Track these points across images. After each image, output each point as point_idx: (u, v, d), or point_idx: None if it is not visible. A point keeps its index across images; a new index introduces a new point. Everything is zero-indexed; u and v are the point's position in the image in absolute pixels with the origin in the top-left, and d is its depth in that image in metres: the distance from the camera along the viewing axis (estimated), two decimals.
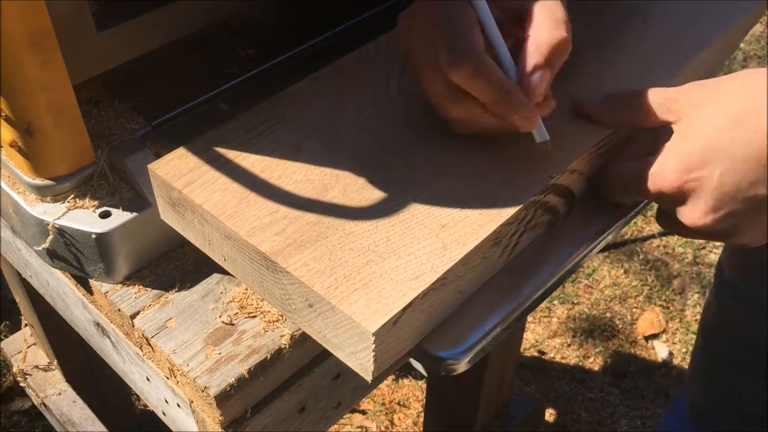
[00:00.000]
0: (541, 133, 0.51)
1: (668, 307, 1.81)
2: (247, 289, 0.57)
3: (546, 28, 0.48)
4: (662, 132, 0.54)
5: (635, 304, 1.84)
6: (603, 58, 0.61)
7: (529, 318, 1.79)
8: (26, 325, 1.11)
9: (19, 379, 1.17)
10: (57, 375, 1.14)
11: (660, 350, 1.73)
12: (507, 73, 0.50)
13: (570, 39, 0.49)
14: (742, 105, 0.49)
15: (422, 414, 1.58)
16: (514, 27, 0.51)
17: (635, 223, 2.04)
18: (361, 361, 0.44)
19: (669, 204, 0.53)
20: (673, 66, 0.60)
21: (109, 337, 0.63)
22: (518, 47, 0.50)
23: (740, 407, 1.17)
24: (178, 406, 0.58)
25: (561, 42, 0.49)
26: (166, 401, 0.60)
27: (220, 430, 0.54)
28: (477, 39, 0.48)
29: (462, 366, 0.48)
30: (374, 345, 0.42)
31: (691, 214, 0.51)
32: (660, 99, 0.53)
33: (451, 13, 0.49)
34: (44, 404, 1.12)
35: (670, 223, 0.55)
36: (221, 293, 0.57)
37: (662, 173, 0.51)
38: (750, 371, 1.13)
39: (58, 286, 0.66)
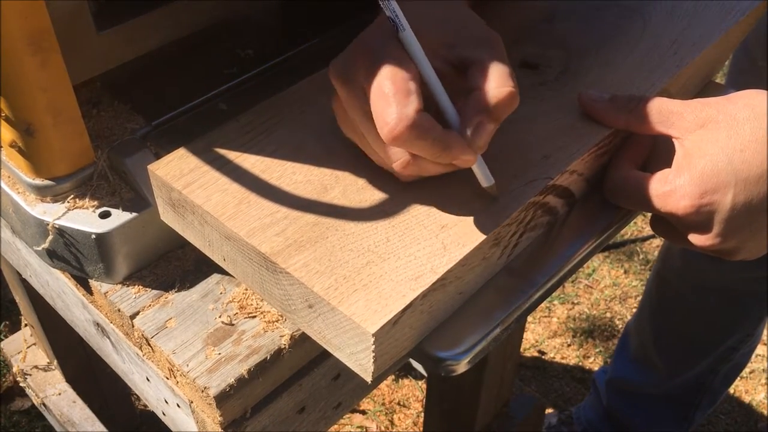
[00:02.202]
0: (486, 176, 0.49)
1: None
2: (246, 290, 0.57)
3: (493, 82, 0.46)
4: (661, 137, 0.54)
5: (635, 304, 1.83)
6: (603, 57, 0.61)
7: (529, 318, 1.78)
8: (26, 325, 1.11)
9: (19, 379, 1.17)
10: (57, 375, 1.14)
11: None
12: (449, 122, 0.47)
13: (516, 92, 0.46)
14: (750, 126, 0.49)
15: (422, 414, 1.58)
16: (457, 77, 0.48)
17: (635, 223, 2.04)
18: (360, 361, 0.44)
19: (678, 224, 0.53)
20: (673, 66, 0.60)
21: (108, 338, 0.63)
22: (461, 96, 0.47)
23: (690, 341, 1.30)
24: (178, 406, 0.58)
25: (508, 96, 0.46)
26: (166, 401, 0.60)
27: (219, 430, 0.54)
28: (412, 98, 0.44)
29: (462, 367, 0.48)
30: (374, 346, 0.42)
31: (702, 236, 0.52)
32: (665, 111, 0.53)
33: (385, 66, 0.45)
34: (44, 404, 1.12)
35: (667, 232, 0.55)
36: (221, 293, 0.57)
37: (674, 197, 0.51)
38: (699, 316, 1.26)
39: (57, 286, 0.66)
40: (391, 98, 0.44)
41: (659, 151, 0.56)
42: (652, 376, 1.38)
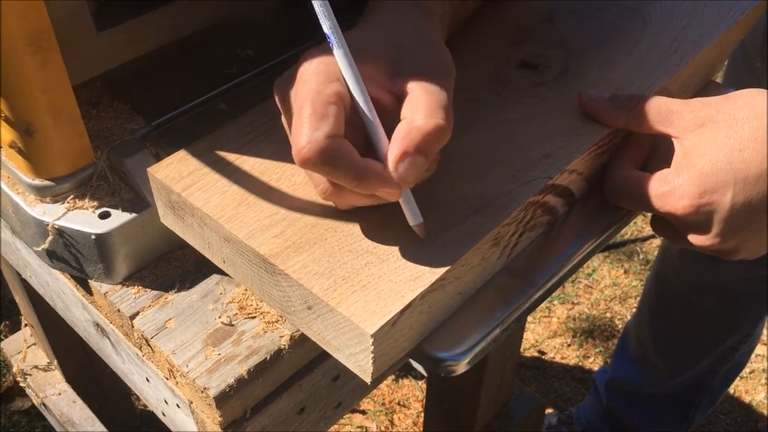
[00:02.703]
0: (414, 214, 0.46)
1: None
2: (246, 290, 0.57)
3: (422, 113, 0.44)
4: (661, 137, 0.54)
5: (635, 304, 1.83)
6: (603, 57, 0.61)
7: (529, 318, 1.78)
8: (26, 325, 1.11)
9: (19, 379, 1.17)
10: (57, 375, 1.14)
11: None
12: (378, 152, 0.45)
13: (449, 127, 0.44)
14: (749, 125, 0.49)
15: (422, 414, 1.58)
16: (397, 107, 0.46)
17: (635, 223, 2.04)
18: (360, 362, 0.44)
19: (678, 224, 0.53)
20: (673, 65, 0.60)
21: (108, 338, 0.63)
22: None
23: (689, 341, 1.31)
24: (178, 406, 0.58)
25: (436, 130, 0.44)
26: (166, 402, 0.60)
27: (219, 430, 0.54)
28: (327, 121, 0.43)
29: (461, 367, 0.48)
30: (373, 346, 0.42)
31: (701, 236, 0.52)
32: (665, 111, 0.52)
33: (309, 86, 0.44)
34: (44, 404, 1.12)
35: (667, 232, 0.55)
36: (221, 294, 0.57)
37: (673, 197, 0.51)
38: (698, 316, 1.26)
39: (57, 287, 0.66)
40: (305, 120, 0.43)
41: (659, 151, 0.56)
42: (652, 376, 1.38)
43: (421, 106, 0.44)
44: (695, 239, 0.52)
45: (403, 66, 0.47)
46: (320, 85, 0.44)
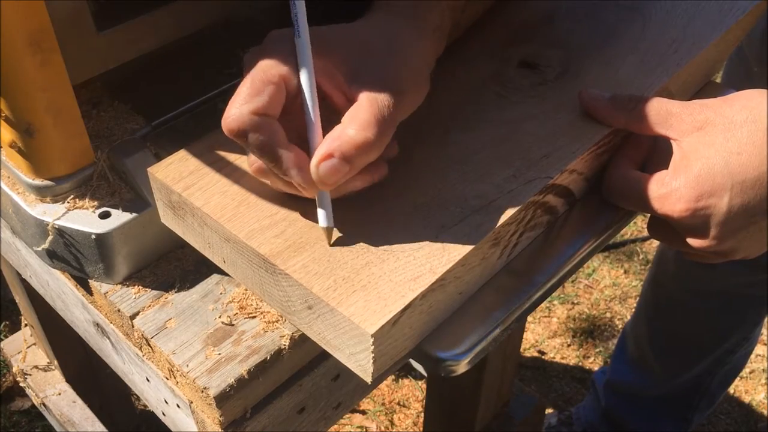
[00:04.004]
0: (326, 217, 0.46)
1: None
2: (246, 290, 0.57)
3: (357, 124, 0.44)
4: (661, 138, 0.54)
5: (635, 304, 1.83)
6: (603, 57, 0.61)
7: (529, 318, 1.79)
8: (26, 325, 1.11)
9: (19, 379, 1.17)
10: (57, 375, 1.14)
11: None
12: (310, 146, 0.46)
13: (378, 144, 0.44)
14: (747, 129, 0.49)
15: (422, 414, 1.58)
16: (346, 109, 0.46)
17: (635, 223, 2.04)
18: (360, 362, 0.44)
19: (675, 226, 0.53)
20: (673, 65, 0.60)
21: (108, 338, 0.63)
22: None
23: (686, 344, 1.31)
24: (178, 406, 0.58)
25: (364, 143, 0.44)
26: (166, 402, 0.60)
27: (219, 430, 0.54)
28: (258, 98, 0.44)
29: (462, 367, 0.48)
30: (373, 346, 0.42)
31: (699, 239, 0.52)
32: (664, 113, 0.52)
33: (260, 64, 0.45)
34: (44, 404, 1.12)
35: (664, 235, 0.55)
36: (221, 294, 0.57)
37: (670, 200, 0.51)
38: (695, 320, 1.27)
39: (57, 287, 0.66)
40: (239, 93, 0.44)
41: (659, 151, 0.56)
42: (650, 379, 1.38)
43: (359, 117, 0.45)
44: (693, 241, 0.52)
45: (362, 71, 0.47)
46: (268, 64, 0.46)
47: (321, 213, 0.47)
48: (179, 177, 0.51)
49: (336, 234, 0.47)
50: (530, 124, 0.55)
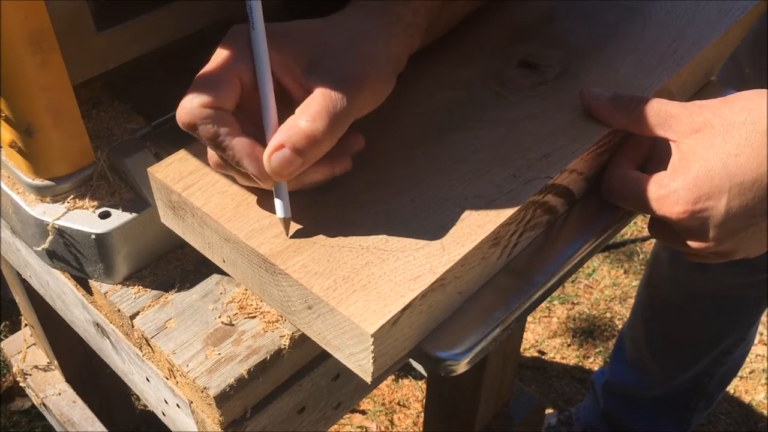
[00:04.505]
0: (283, 208, 0.47)
1: None
2: (246, 290, 0.57)
3: (308, 115, 0.44)
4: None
5: None
6: (603, 57, 0.61)
7: (529, 318, 1.79)
8: (26, 325, 1.11)
9: (19, 379, 1.17)
10: (57, 375, 1.14)
11: None
12: (266, 139, 0.46)
13: (328, 138, 0.45)
14: (745, 130, 0.49)
15: (422, 414, 1.58)
16: (300, 99, 0.47)
17: (635, 223, 2.04)
18: (360, 362, 0.44)
19: (674, 228, 0.53)
20: (672, 65, 0.60)
21: (108, 338, 0.63)
22: None
23: (682, 345, 1.32)
24: (178, 406, 0.58)
25: (314, 134, 0.44)
26: (166, 402, 0.60)
27: (219, 430, 0.54)
28: (208, 92, 0.45)
29: (461, 367, 0.48)
30: (373, 346, 0.42)
31: (697, 241, 0.52)
32: (663, 114, 0.52)
33: (214, 58, 0.47)
34: (44, 404, 1.12)
35: (665, 235, 0.55)
36: (221, 294, 0.57)
37: (668, 201, 0.51)
38: (690, 321, 1.27)
39: (57, 287, 0.66)
40: (192, 86, 0.45)
41: (659, 151, 0.56)
42: (647, 380, 1.38)
43: (311, 109, 0.45)
44: (692, 243, 0.52)
45: (320, 65, 0.47)
46: (223, 58, 0.46)
47: (278, 203, 0.47)
48: (179, 177, 0.51)
49: (294, 226, 0.47)
50: (530, 124, 0.55)
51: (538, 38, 0.63)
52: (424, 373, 1.57)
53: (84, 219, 0.56)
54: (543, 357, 1.73)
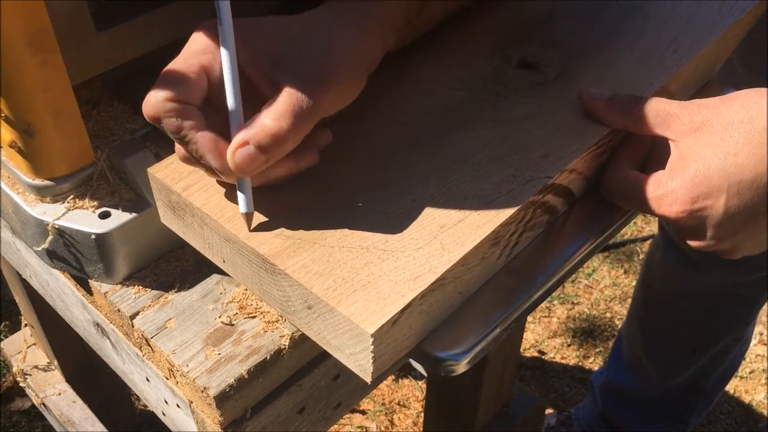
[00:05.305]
0: (245, 203, 0.47)
1: None
2: (246, 290, 0.57)
3: (272, 113, 0.45)
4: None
5: None
6: (603, 57, 0.61)
7: (529, 318, 1.79)
8: (26, 325, 1.11)
9: (18, 379, 1.17)
10: (57, 375, 1.14)
11: None
12: (231, 134, 0.46)
13: (291, 137, 0.45)
14: (744, 129, 0.49)
15: (422, 414, 1.58)
16: (272, 97, 0.46)
17: (635, 223, 2.04)
18: (360, 362, 0.44)
19: (673, 227, 0.53)
20: (672, 65, 0.60)
21: (108, 338, 0.63)
22: None
23: (678, 346, 1.32)
24: (178, 406, 0.58)
25: (278, 133, 0.44)
26: (166, 402, 0.60)
27: (219, 430, 0.54)
28: (171, 86, 0.45)
29: (461, 367, 0.48)
30: (373, 346, 0.42)
31: (696, 240, 0.52)
32: (662, 113, 0.52)
33: (183, 53, 0.47)
34: (44, 404, 1.12)
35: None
36: (221, 294, 0.57)
37: (666, 201, 0.51)
38: (686, 322, 1.28)
39: (57, 287, 0.66)
40: (158, 81, 0.46)
41: (658, 151, 0.56)
42: (645, 381, 1.38)
43: (277, 107, 0.45)
44: (691, 242, 0.52)
45: (288, 62, 0.47)
46: (190, 54, 0.47)
47: (240, 198, 0.47)
48: (179, 177, 0.51)
49: (256, 219, 0.48)
50: (530, 124, 0.55)
51: (538, 38, 0.63)
52: (424, 373, 1.57)
53: (84, 219, 0.56)
54: (543, 357, 1.73)
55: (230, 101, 0.47)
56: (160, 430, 0.84)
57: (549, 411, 1.60)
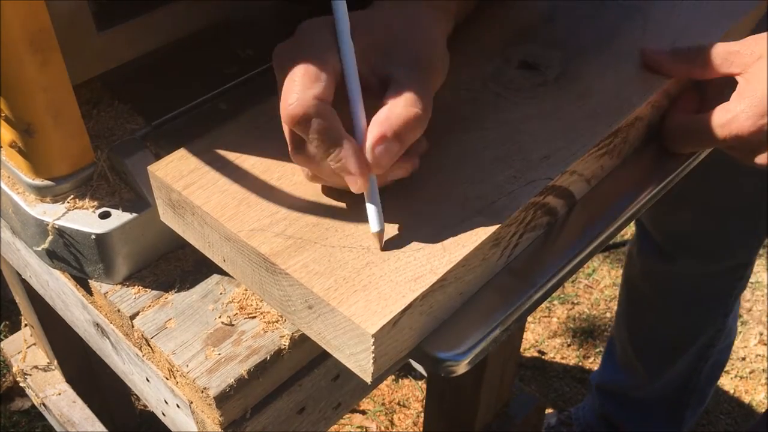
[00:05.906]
0: (377, 221, 0.46)
1: None
2: (246, 290, 0.57)
3: (403, 101, 0.45)
4: (708, 88, 0.59)
5: None
6: (603, 57, 0.61)
7: (529, 318, 1.79)
8: (26, 325, 1.11)
9: (18, 379, 1.17)
10: (57, 375, 1.14)
11: None
12: (356, 131, 0.46)
13: (423, 117, 0.46)
14: None
15: (422, 414, 1.58)
16: (380, 91, 0.47)
17: (634, 224, 2.03)
18: (360, 362, 0.44)
19: (743, 149, 0.56)
20: None
21: (108, 338, 0.63)
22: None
23: (663, 342, 1.33)
24: (178, 406, 0.58)
25: (414, 118, 0.45)
26: (166, 402, 0.60)
27: (219, 430, 0.54)
28: (318, 84, 0.44)
29: (462, 367, 0.48)
30: (373, 347, 0.42)
31: (766, 154, 0.55)
32: (724, 53, 0.56)
33: (306, 54, 0.46)
34: (44, 404, 1.12)
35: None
36: (221, 294, 0.57)
37: (737, 121, 0.54)
38: (666, 317, 1.29)
39: (57, 287, 0.66)
40: (297, 80, 0.44)
41: (707, 105, 0.58)
42: (636, 379, 1.39)
43: (404, 94, 0.46)
44: (761, 159, 0.55)
45: (393, 52, 0.48)
46: (316, 52, 0.46)
47: (371, 213, 0.46)
48: (179, 175, 0.51)
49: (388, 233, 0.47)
50: (531, 125, 0.55)
51: (539, 38, 0.63)
52: (424, 373, 1.57)
53: (84, 219, 0.56)
54: (543, 357, 1.73)
55: (352, 97, 0.46)
56: (160, 430, 0.84)
57: (549, 411, 1.60)
